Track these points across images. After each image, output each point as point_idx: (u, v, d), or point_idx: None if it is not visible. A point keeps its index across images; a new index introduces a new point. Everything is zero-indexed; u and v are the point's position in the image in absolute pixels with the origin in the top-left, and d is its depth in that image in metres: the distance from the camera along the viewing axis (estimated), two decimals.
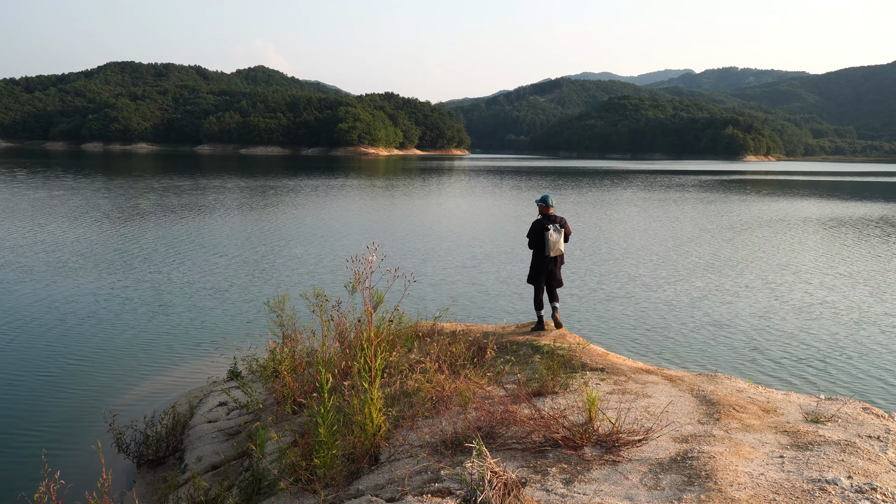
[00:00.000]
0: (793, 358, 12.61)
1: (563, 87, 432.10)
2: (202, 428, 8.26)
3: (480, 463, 4.16)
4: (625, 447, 4.89)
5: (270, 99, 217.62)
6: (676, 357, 12.60)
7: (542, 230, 8.79)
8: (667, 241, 28.00)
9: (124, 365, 11.66)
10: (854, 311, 16.18)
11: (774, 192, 62.92)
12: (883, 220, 38.32)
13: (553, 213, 8.97)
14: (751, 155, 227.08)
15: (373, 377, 5.37)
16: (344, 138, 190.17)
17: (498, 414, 5.46)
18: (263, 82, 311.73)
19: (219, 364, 11.37)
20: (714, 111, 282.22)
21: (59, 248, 22.66)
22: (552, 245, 8.73)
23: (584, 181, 74.72)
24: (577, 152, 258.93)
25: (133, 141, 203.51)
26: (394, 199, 47.43)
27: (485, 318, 14.53)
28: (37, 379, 10.87)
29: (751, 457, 4.71)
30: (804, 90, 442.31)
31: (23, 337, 12.95)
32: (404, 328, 8.33)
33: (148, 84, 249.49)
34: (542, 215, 8.94)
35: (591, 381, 6.79)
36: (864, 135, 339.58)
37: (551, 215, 8.91)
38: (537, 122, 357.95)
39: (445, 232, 29.62)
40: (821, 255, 24.84)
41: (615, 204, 46.11)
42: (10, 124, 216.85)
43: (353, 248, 23.49)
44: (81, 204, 36.80)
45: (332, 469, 4.99)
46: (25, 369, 11.27)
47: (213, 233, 27.47)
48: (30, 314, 14.49)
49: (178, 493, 6.53)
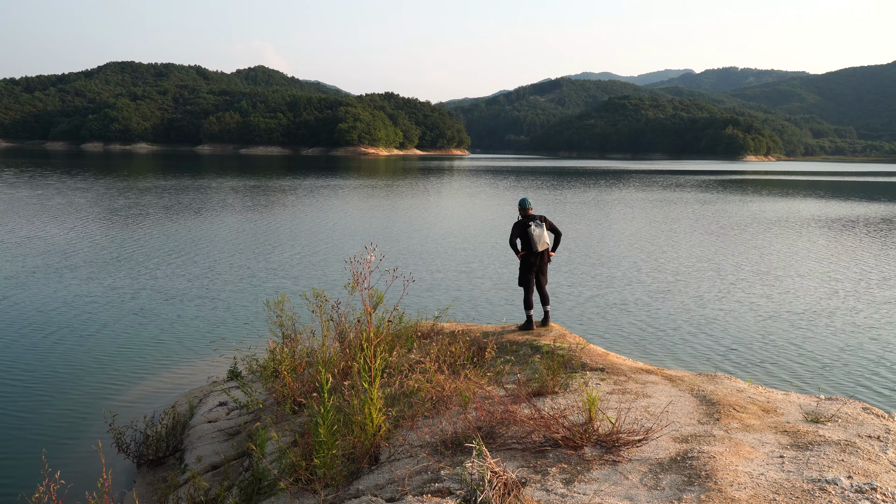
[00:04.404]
0: (793, 358, 12.61)
1: (563, 87, 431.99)
2: (202, 428, 8.26)
3: (480, 463, 4.16)
4: (625, 447, 4.89)
5: (270, 99, 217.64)
6: (676, 357, 12.60)
7: (524, 228, 9.26)
8: (667, 241, 28.00)
9: (124, 365, 11.66)
10: (854, 312, 16.18)
11: (774, 193, 62.92)
12: (883, 220, 38.32)
13: (532, 213, 9.47)
14: (751, 155, 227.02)
15: (373, 377, 5.38)
16: (344, 138, 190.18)
17: (498, 414, 5.46)
18: (263, 82, 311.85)
19: (219, 364, 11.36)
20: (714, 111, 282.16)
21: (59, 248, 22.66)
22: (537, 240, 9.18)
23: (583, 181, 74.72)
24: (577, 152, 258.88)
25: (133, 141, 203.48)
26: (393, 200, 47.42)
27: (484, 318, 14.53)
28: (37, 379, 10.87)
29: (751, 457, 4.71)
30: (804, 90, 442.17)
31: (23, 337, 12.95)
32: (404, 328, 8.33)
33: (148, 84, 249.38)
34: (522, 216, 9.45)
35: (591, 381, 6.79)
36: (864, 135, 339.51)
37: (530, 215, 9.40)
38: (537, 122, 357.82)
39: (445, 232, 29.61)
40: (821, 256, 24.84)
41: (615, 204, 46.11)
42: (10, 124, 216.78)
43: (353, 248, 23.49)
44: (81, 204, 36.80)
45: (332, 469, 4.99)
46: (25, 369, 11.27)
47: (212, 233, 27.47)
48: (30, 314, 14.49)
49: (178, 493, 6.53)
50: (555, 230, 9.40)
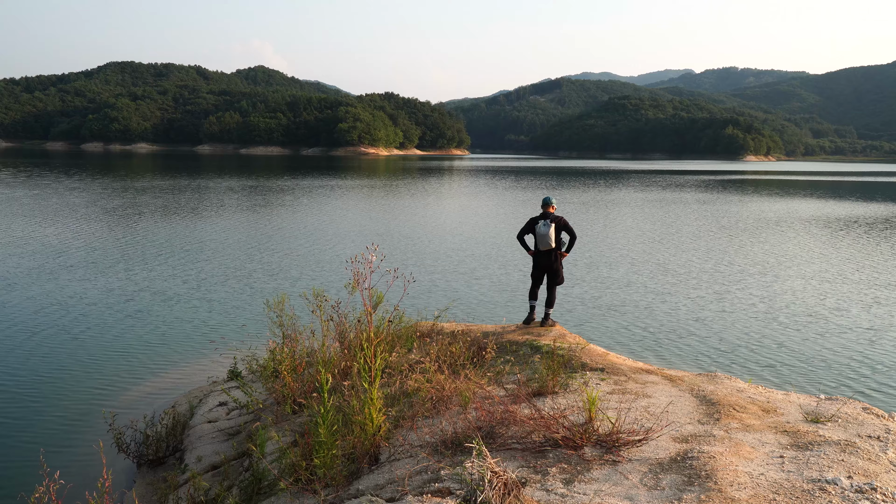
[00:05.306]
0: (793, 358, 12.61)
1: (563, 87, 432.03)
2: (202, 428, 8.25)
3: (480, 463, 4.16)
4: (625, 447, 4.89)
5: (270, 99, 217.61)
6: (676, 357, 12.60)
7: (533, 225, 9.46)
8: (667, 241, 28.00)
9: (124, 365, 11.65)
10: (854, 312, 16.18)
11: (774, 193, 62.92)
12: (884, 220, 38.32)
13: (551, 212, 9.56)
14: (751, 155, 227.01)
15: (373, 377, 5.37)
16: (344, 138, 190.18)
17: (498, 414, 5.46)
18: (263, 82, 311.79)
19: (219, 364, 11.36)
20: (714, 111, 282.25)
21: (59, 248, 22.66)
22: (539, 239, 9.36)
23: (583, 181, 74.71)
24: (577, 152, 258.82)
25: (133, 141, 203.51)
26: (394, 200, 47.42)
27: (484, 318, 14.53)
28: (37, 379, 10.87)
29: (751, 457, 4.71)
30: (804, 90, 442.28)
31: (23, 337, 12.95)
32: (404, 328, 8.33)
33: (148, 84, 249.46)
34: (541, 214, 9.59)
35: (591, 381, 6.79)
36: (864, 135, 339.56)
37: (546, 213, 9.50)
38: (537, 122, 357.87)
39: (445, 232, 29.61)
40: (821, 256, 24.84)
41: (615, 204, 46.11)
42: (10, 124, 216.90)
43: (353, 248, 23.49)
44: (81, 204, 36.80)
45: (332, 469, 4.99)
46: (25, 369, 11.27)
47: (212, 233, 27.47)
48: (30, 314, 14.49)
49: (178, 493, 6.53)
50: (569, 231, 9.43)
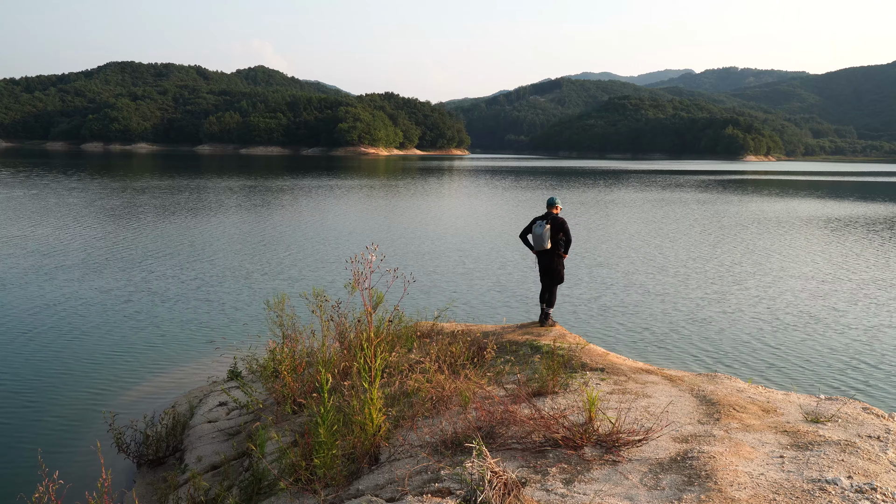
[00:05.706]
0: (793, 358, 12.61)
1: (563, 87, 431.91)
2: (202, 428, 8.25)
3: (480, 463, 4.16)
4: (625, 447, 4.89)
5: (270, 99, 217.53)
6: (676, 357, 12.60)
7: (530, 226, 9.58)
8: (667, 241, 28.00)
9: (124, 365, 11.65)
10: (854, 312, 16.18)
11: (774, 193, 62.91)
12: (884, 220, 38.31)
13: (554, 213, 9.59)
14: (751, 155, 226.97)
15: (373, 377, 5.37)
16: (344, 138, 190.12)
17: (498, 414, 5.46)
18: (263, 82, 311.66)
19: (219, 364, 11.36)
20: (714, 111, 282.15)
21: (58, 248, 22.66)
22: (534, 239, 9.48)
23: (583, 181, 74.70)
24: (577, 152, 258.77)
25: (133, 141, 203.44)
26: (393, 200, 47.42)
27: (484, 318, 14.53)
28: (37, 379, 10.87)
29: (751, 457, 4.71)
30: (804, 90, 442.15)
31: (23, 337, 12.94)
32: (404, 328, 8.33)
33: (148, 84, 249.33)
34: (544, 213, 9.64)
35: (591, 381, 6.79)
36: (864, 135, 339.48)
37: (549, 213, 9.56)
38: (537, 122, 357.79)
39: (445, 232, 29.61)
40: (821, 256, 24.84)
41: (615, 204, 46.11)
42: (10, 124, 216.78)
43: (352, 248, 23.49)
44: (80, 204, 36.80)
45: (332, 469, 4.98)
46: (25, 369, 11.27)
47: (212, 233, 27.47)
48: (30, 314, 14.49)
49: (178, 493, 6.53)
50: (564, 234, 9.46)
